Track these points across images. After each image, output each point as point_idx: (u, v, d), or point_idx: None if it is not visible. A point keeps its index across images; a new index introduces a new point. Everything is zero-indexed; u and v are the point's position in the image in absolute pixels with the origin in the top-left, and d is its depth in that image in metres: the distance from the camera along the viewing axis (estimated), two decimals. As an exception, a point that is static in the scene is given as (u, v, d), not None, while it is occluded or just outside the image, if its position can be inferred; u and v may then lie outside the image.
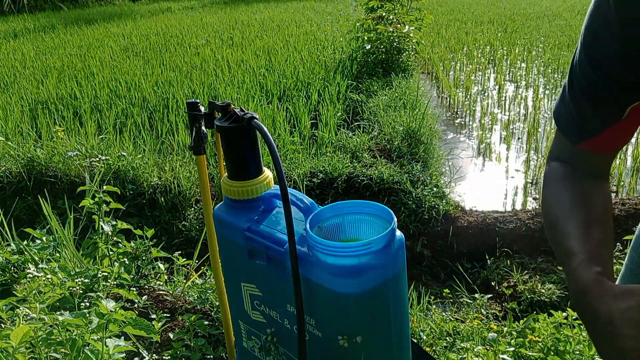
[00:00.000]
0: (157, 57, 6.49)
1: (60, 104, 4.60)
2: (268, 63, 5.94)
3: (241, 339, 1.14)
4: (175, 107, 4.40)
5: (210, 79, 5.22)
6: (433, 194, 3.21)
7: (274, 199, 1.03)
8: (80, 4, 15.64)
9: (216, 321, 1.83)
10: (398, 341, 0.96)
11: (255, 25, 9.24)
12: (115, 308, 1.16)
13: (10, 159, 3.42)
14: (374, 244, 0.84)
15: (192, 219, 3.07)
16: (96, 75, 5.62)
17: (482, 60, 7.58)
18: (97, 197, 1.92)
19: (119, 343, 1.12)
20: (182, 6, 13.88)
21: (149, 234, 2.01)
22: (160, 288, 2.03)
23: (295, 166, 3.36)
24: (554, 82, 6.29)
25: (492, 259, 2.89)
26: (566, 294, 2.44)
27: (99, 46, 7.63)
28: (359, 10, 7.88)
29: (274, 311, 1.00)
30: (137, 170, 3.23)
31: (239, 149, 0.99)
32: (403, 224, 3.06)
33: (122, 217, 2.75)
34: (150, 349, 1.66)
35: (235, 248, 1.00)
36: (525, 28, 9.59)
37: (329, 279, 0.86)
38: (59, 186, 3.21)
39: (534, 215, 3.08)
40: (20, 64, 6.51)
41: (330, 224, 0.94)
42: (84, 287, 1.68)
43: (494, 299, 2.52)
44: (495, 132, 4.98)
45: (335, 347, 0.90)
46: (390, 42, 5.85)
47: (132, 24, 10.20)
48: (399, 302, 0.93)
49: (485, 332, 1.86)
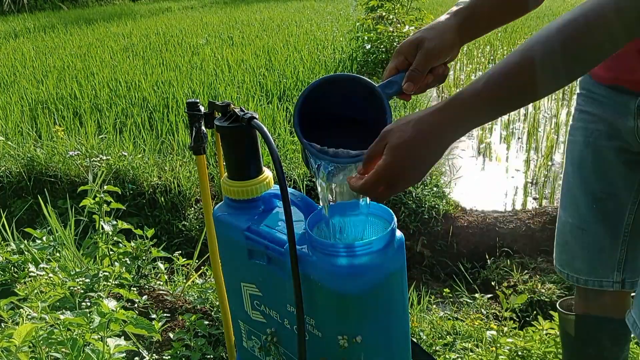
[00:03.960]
0: (157, 57, 6.49)
1: (60, 104, 4.60)
2: (268, 63, 5.94)
3: (241, 338, 1.14)
4: (175, 107, 4.40)
5: (210, 79, 5.22)
6: (433, 193, 3.21)
7: (274, 199, 1.04)
8: (80, 4, 15.64)
9: (216, 321, 1.83)
10: (398, 341, 0.96)
11: (255, 25, 9.24)
12: (117, 307, 1.16)
13: (10, 159, 3.42)
14: (374, 244, 0.84)
15: (192, 219, 3.08)
16: (96, 75, 5.62)
17: (482, 60, 7.58)
18: (97, 197, 1.92)
19: (119, 343, 1.12)
20: (182, 6, 13.88)
21: (149, 233, 2.01)
22: (160, 288, 2.03)
23: (295, 166, 3.36)
24: (554, 82, 6.29)
25: (492, 258, 2.90)
26: (566, 294, 2.44)
27: (99, 46, 7.62)
28: (359, 10, 7.88)
29: (274, 311, 1.00)
30: (137, 170, 3.23)
31: (239, 149, 0.99)
32: (403, 224, 3.06)
33: (123, 217, 2.75)
34: (150, 349, 1.66)
35: (235, 248, 1.00)
36: (525, 28, 9.59)
37: (329, 279, 0.86)
38: (59, 186, 3.21)
39: (534, 215, 3.09)
40: (20, 63, 6.51)
41: (330, 224, 0.95)
42: (85, 286, 1.68)
43: (493, 298, 2.52)
44: (495, 131, 4.98)
45: (335, 347, 0.90)
46: (391, 42, 5.84)
47: (132, 24, 10.19)
48: (399, 302, 0.93)
49: (485, 331, 1.86)
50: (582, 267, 1.22)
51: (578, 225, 1.19)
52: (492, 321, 2.09)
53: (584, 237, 1.19)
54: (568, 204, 1.22)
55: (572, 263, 1.25)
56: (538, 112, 5.28)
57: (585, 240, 1.19)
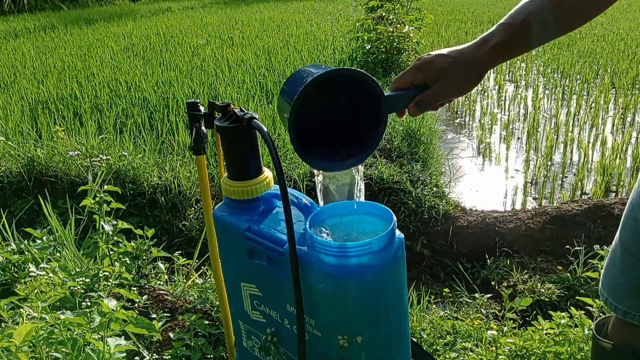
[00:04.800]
0: (157, 57, 6.49)
1: (61, 104, 4.60)
2: (268, 63, 5.94)
3: (241, 338, 1.14)
4: (176, 107, 4.41)
5: (211, 79, 5.23)
6: (433, 193, 3.21)
7: (274, 199, 1.04)
8: (81, 4, 15.64)
9: (216, 321, 1.84)
10: (398, 341, 0.96)
11: (256, 25, 9.24)
12: (117, 307, 1.16)
13: (10, 159, 3.42)
14: (374, 244, 0.84)
15: (192, 219, 3.08)
16: (96, 75, 5.62)
17: (482, 60, 7.57)
18: (97, 197, 1.93)
19: (119, 342, 1.12)
20: (182, 6, 13.88)
21: (149, 233, 2.01)
22: (160, 288, 2.03)
23: (295, 166, 3.36)
24: (554, 82, 6.29)
25: (492, 258, 2.90)
26: (566, 294, 2.45)
27: (99, 46, 7.63)
28: (359, 10, 7.88)
29: (274, 311, 1.00)
30: (137, 170, 3.23)
31: (238, 149, 1.00)
32: (403, 224, 3.06)
33: (123, 216, 2.75)
34: (150, 349, 1.66)
35: (235, 248, 1.00)
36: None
37: (328, 279, 0.86)
38: (60, 186, 3.21)
39: (534, 214, 3.09)
40: (21, 63, 6.51)
41: (330, 224, 0.95)
42: (85, 286, 1.68)
43: (493, 298, 2.52)
44: (495, 132, 4.98)
45: (335, 347, 0.90)
46: (390, 42, 5.85)
47: (132, 24, 10.20)
48: (399, 302, 0.93)
49: (485, 331, 1.86)
50: (623, 297, 1.08)
51: (632, 252, 1.05)
52: (492, 321, 2.09)
53: (633, 268, 1.05)
54: (628, 225, 1.07)
55: (614, 289, 1.10)
56: (538, 112, 5.28)
57: (635, 272, 1.05)
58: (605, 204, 3.03)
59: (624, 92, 5.71)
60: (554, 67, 6.92)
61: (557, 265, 2.72)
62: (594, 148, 4.41)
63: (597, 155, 4.27)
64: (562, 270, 2.63)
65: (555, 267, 2.72)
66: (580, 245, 2.58)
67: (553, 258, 2.83)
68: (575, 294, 2.40)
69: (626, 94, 5.63)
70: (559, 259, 2.79)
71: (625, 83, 5.92)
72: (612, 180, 3.80)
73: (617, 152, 4.17)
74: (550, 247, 2.89)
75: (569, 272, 2.59)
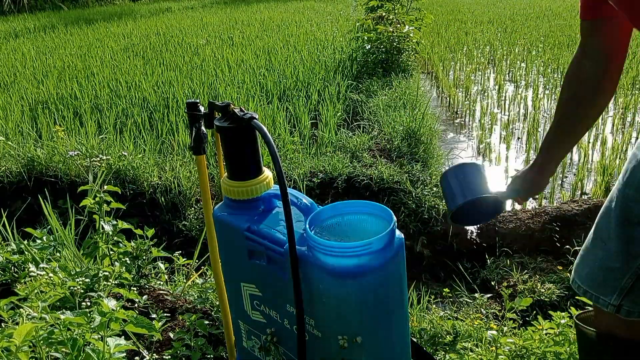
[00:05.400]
0: (157, 57, 6.50)
1: (61, 104, 4.60)
2: (268, 63, 5.94)
3: (241, 338, 1.14)
4: (176, 107, 4.41)
5: (211, 79, 5.23)
6: (433, 193, 3.21)
7: (274, 199, 1.04)
8: (81, 4, 15.65)
9: (216, 321, 1.83)
10: (398, 341, 0.96)
11: (256, 25, 9.25)
12: (117, 307, 1.16)
13: (10, 159, 3.42)
14: (374, 244, 0.84)
15: (192, 219, 3.08)
16: (96, 75, 5.62)
17: (482, 60, 7.58)
18: (97, 196, 1.93)
19: (119, 342, 1.12)
20: (182, 6, 13.89)
21: (149, 233, 2.01)
22: (160, 288, 2.03)
23: (295, 166, 3.36)
24: (554, 82, 6.29)
25: (491, 258, 2.90)
26: (566, 294, 2.44)
27: (99, 46, 7.63)
28: (359, 10, 7.89)
29: (274, 311, 1.00)
30: (137, 170, 3.23)
31: (238, 149, 1.00)
32: (403, 224, 3.06)
33: (123, 216, 2.75)
34: (150, 349, 1.66)
35: (235, 248, 1.00)
36: (525, 28, 9.59)
37: (328, 279, 0.86)
38: (59, 186, 3.21)
39: (534, 215, 3.09)
40: (21, 63, 6.51)
41: (330, 224, 0.95)
42: (85, 286, 1.68)
43: (493, 298, 2.52)
44: (495, 132, 4.98)
45: (335, 347, 0.90)
46: (390, 42, 5.85)
47: (132, 24, 10.20)
48: (399, 302, 0.93)
49: (485, 331, 1.86)
50: (586, 276, 1.17)
51: (601, 237, 1.14)
52: (492, 321, 2.09)
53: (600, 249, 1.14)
54: (604, 212, 1.16)
55: (580, 269, 1.20)
56: (538, 112, 5.28)
57: (599, 254, 1.14)
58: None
59: (624, 92, 5.71)
60: (554, 67, 6.92)
61: (557, 265, 2.72)
62: (594, 148, 4.41)
63: (597, 155, 4.28)
64: (562, 270, 2.63)
65: (555, 267, 2.71)
66: (580, 245, 2.58)
67: (553, 258, 2.83)
68: (575, 294, 2.40)
69: (626, 94, 5.63)
70: (559, 259, 2.79)
71: (625, 83, 5.92)
72: (612, 180, 3.80)
73: (617, 152, 4.17)
74: (550, 247, 2.90)
75: (569, 272, 2.59)
